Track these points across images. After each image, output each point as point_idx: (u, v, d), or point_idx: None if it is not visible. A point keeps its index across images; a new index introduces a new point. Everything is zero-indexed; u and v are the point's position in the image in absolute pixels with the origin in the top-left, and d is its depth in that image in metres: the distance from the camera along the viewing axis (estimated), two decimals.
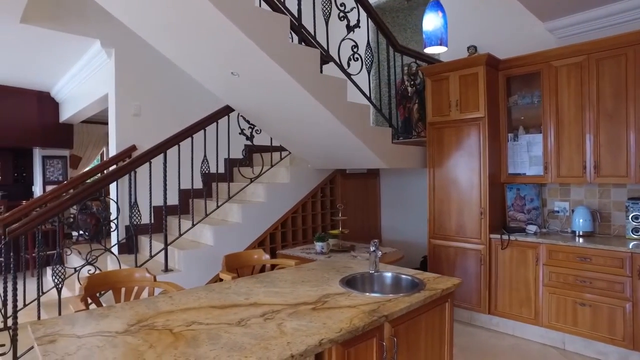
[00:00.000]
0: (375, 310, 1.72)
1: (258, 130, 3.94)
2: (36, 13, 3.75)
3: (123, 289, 2.14)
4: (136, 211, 3.38)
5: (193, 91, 4.78)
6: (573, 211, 3.51)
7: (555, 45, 3.62)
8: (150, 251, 3.40)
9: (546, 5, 3.39)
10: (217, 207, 3.74)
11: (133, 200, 3.35)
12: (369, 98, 3.77)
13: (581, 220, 3.38)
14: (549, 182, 3.56)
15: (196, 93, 4.77)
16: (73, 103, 6.13)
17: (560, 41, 3.65)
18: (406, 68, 4.89)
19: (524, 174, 3.73)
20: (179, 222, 3.59)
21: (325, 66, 3.20)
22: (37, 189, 7.40)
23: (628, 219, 3.22)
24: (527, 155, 3.71)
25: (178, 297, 1.89)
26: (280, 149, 4.37)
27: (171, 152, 3.46)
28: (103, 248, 3.27)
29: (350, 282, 2.15)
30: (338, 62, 3.41)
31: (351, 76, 3.49)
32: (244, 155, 3.91)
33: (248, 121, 3.90)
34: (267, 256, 2.72)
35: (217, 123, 3.72)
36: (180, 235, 3.53)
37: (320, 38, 3.40)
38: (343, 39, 3.44)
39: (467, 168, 3.77)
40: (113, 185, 3.41)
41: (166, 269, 3.41)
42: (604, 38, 3.15)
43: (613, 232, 3.40)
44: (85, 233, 3.33)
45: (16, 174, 7.55)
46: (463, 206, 3.81)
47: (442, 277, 2.23)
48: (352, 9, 3.54)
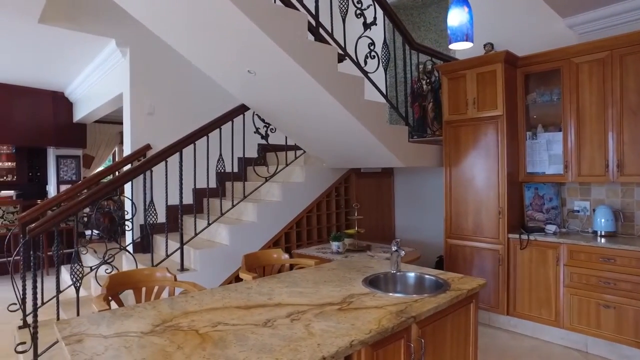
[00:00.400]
0: (402, 311, 1.68)
1: (273, 129, 3.92)
2: (54, 13, 3.76)
3: (144, 289, 2.13)
4: (152, 210, 3.38)
5: (206, 90, 4.77)
6: (594, 211, 3.44)
7: (574, 41, 3.55)
8: (166, 250, 3.39)
9: (568, 0, 3.32)
10: (233, 206, 3.72)
11: (149, 199, 3.35)
12: (386, 96, 3.74)
13: (603, 220, 3.32)
14: (569, 181, 3.49)
15: (209, 92, 4.76)
16: (87, 103, 6.16)
17: (580, 37, 3.59)
18: (421, 66, 4.85)
19: (543, 173, 3.66)
20: (195, 221, 3.58)
21: (340, 64, 3.17)
22: (51, 188, 7.46)
23: None
24: (547, 153, 3.64)
25: (200, 297, 1.87)
26: (294, 148, 4.35)
27: (185, 151, 3.45)
28: (118, 247, 3.28)
29: (373, 282, 2.12)
30: (355, 60, 3.37)
31: (368, 74, 3.45)
32: (259, 154, 3.89)
33: (263, 120, 3.88)
34: (286, 255, 2.70)
35: (233, 122, 3.71)
36: (195, 234, 3.52)
37: (334, 36, 3.36)
38: (360, 37, 3.41)
39: (485, 167, 3.72)
40: (127, 184, 3.41)
41: (182, 268, 3.40)
42: (628, 33, 3.08)
43: (637, 233, 3.33)
44: (101, 232, 3.33)
45: (30, 174, 7.62)
46: (480, 205, 3.75)
47: (466, 278, 2.20)
48: (369, 7, 3.50)
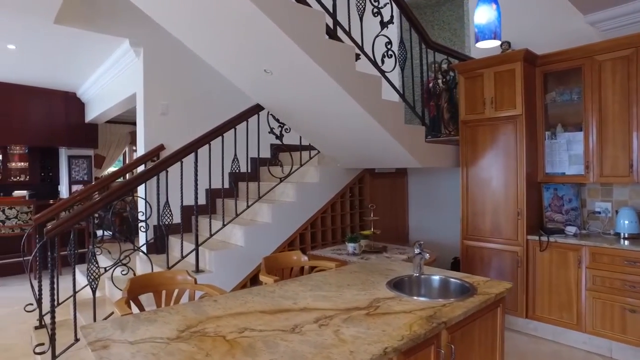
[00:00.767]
0: (432, 316, 1.64)
1: (287, 129, 3.88)
2: (69, 14, 3.75)
3: (164, 292, 2.09)
4: (167, 211, 3.35)
5: (219, 90, 4.75)
6: (617, 212, 3.37)
7: (595, 39, 3.47)
8: (181, 252, 3.37)
9: None
10: (248, 207, 3.69)
11: (164, 200, 3.32)
12: (403, 96, 3.68)
13: (626, 221, 3.24)
14: (591, 182, 3.42)
15: (222, 92, 4.74)
16: (99, 103, 6.16)
17: (602, 34, 3.51)
18: (435, 65, 4.79)
19: (563, 174, 3.59)
20: (210, 222, 3.55)
21: (355, 63, 3.12)
22: (63, 189, 7.49)
23: None
24: (567, 154, 3.57)
25: (224, 301, 1.84)
26: (308, 148, 4.30)
27: (199, 152, 3.42)
28: (132, 248, 3.26)
29: (397, 286, 2.08)
30: (372, 59, 3.33)
31: (385, 73, 3.40)
32: (274, 154, 3.85)
33: (278, 120, 3.84)
34: (306, 257, 2.66)
35: (247, 122, 3.68)
36: (211, 235, 3.49)
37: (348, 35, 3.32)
38: (377, 35, 3.36)
39: (503, 167, 3.66)
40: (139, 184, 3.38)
41: (197, 270, 3.38)
42: None
43: None
44: (116, 232, 3.32)
45: (43, 174, 7.65)
46: (498, 206, 3.69)
47: (492, 281, 2.14)
48: (385, 5, 3.45)
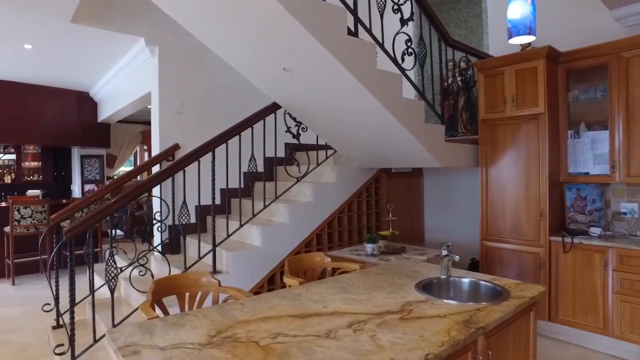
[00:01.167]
0: (468, 320, 1.58)
1: (304, 128, 3.83)
2: (86, 13, 3.73)
3: (187, 294, 2.05)
4: (185, 211, 3.32)
5: (234, 88, 4.72)
6: None
7: (620, 35, 3.38)
8: (198, 252, 3.34)
9: None
10: (265, 207, 3.65)
11: (181, 199, 3.29)
12: (422, 94, 3.62)
13: None
14: (616, 182, 3.33)
15: (237, 90, 4.71)
16: (112, 102, 6.16)
17: (629, 30, 3.42)
18: (451, 63, 4.71)
19: (587, 174, 3.51)
20: (227, 223, 3.51)
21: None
22: (76, 188, 7.51)
23: None
24: (591, 153, 3.49)
25: (251, 305, 1.79)
26: (324, 148, 4.25)
27: (215, 151, 3.38)
28: (147, 248, 3.23)
29: (426, 288, 2.02)
30: (393, 57, 3.27)
31: (405, 71, 3.34)
32: (290, 154, 3.81)
33: (294, 118, 3.80)
34: (329, 259, 2.61)
35: (264, 121, 3.64)
36: (228, 235, 3.45)
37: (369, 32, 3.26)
38: (397, 33, 3.30)
39: (524, 167, 3.58)
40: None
41: (214, 271, 3.34)
42: None
43: None
44: (135, 232, 3.29)
45: (55, 173, 7.67)
46: (519, 207, 3.62)
47: (524, 284, 2.08)
48: (405, 1, 3.39)
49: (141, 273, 3.04)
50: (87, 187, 7.54)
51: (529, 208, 3.56)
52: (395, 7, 3.28)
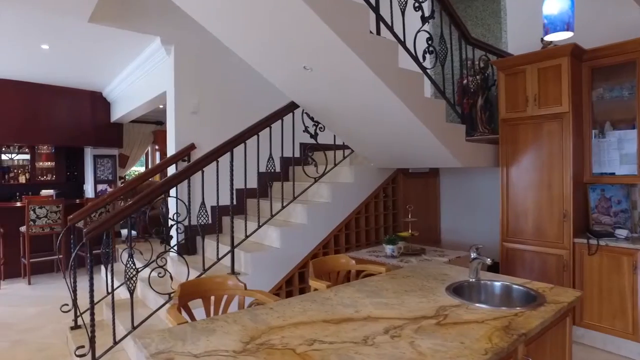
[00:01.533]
0: (508, 326, 1.53)
1: (322, 127, 3.79)
2: (104, 12, 3.72)
3: (212, 298, 2.01)
4: (203, 211, 3.29)
5: (250, 87, 4.69)
6: None
7: None
8: (217, 254, 3.30)
9: None
10: (283, 207, 3.61)
11: (199, 200, 3.26)
12: (443, 93, 3.56)
13: None
14: None
15: (253, 89, 4.69)
16: (126, 102, 6.16)
17: None
18: (469, 62, 4.64)
19: (612, 174, 3.43)
20: (245, 223, 3.48)
21: None
22: (89, 188, 7.52)
23: None
24: (617, 153, 3.41)
25: (281, 309, 1.75)
26: (340, 147, 4.20)
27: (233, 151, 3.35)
28: (163, 249, 3.20)
29: (457, 292, 1.97)
30: (414, 55, 3.21)
31: (427, 70, 3.29)
32: (308, 153, 3.76)
33: (312, 118, 3.75)
34: (353, 261, 2.56)
35: (282, 120, 3.60)
36: (247, 236, 3.42)
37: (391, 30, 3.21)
38: (419, 31, 3.24)
39: (547, 167, 3.51)
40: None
41: (233, 272, 3.31)
42: None
43: None
44: (152, 233, 3.27)
45: (68, 173, 7.70)
46: (541, 208, 3.54)
47: (558, 288, 2.02)
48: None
49: (160, 275, 3.01)
50: (100, 187, 7.56)
51: (552, 209, 3.48)
52: (416, 5, 3.23)
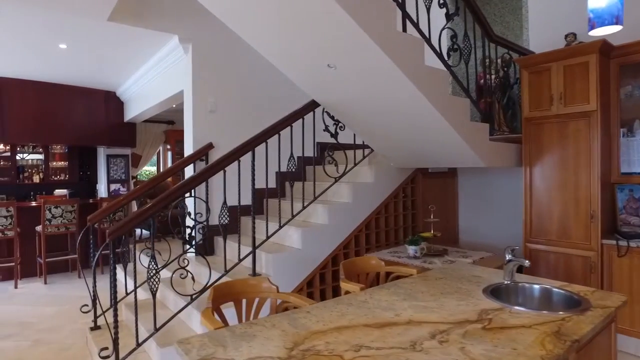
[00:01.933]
0: (558, 332, 1.47)
1: (342, 126, 3.74)
2: (123, 11, 3.69)
3: (244, 301, 1.97)
4: (224, 211, 3.25)
5: (268, 86, 4.65)
6: None
7: None
8: (238, 254, 3.26)
9: None
10: (304, 208, 3.57)
11: (222, 200, 3.22)
12: (467, 91, 3.50)
13: None
14: None
15: (271, 88, 4.65)
16: (140, 101, 6.14)
17: None
18: (488, 60, 4.57)
19: None
20: (267, 224, 3.43)
21: None
22: (102, 187, 7.52)
23: None
24: None
25: (318, 312, 1.70)
26: (360, 147, 4.14)
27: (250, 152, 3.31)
28: (181, 249, 3.17)
29: (495, 294, 1.91)
30: (438, 51, 3.16)
31: (451, 68, 3.23)
32: (327, 153, 3.71)
33: (332, 117, 3.70)
34: (382, 263, 2.51)
35: (303, 119, 3.55)
36: (268, 237, 3.37)
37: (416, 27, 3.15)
38: (443, 28, 3.19)
39: (573, 166, 3.43)
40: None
41: (254, 274, 3.27)
42: None
43: None
44: (174, 233, 3.23)
45: (81, 173, 7.70)
46: (567, 208, 3.47)
47: (600, 292, 1.95)
48: None
49: (182, 276, 2.97)
50: (113, 187, 7.55)
51: (578, 209, 3.41)
52: (441, 1, 3.17)
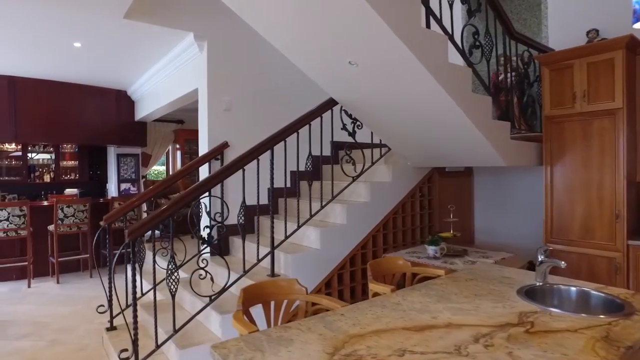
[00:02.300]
0: (607, 337, 1.41)
1: (359, 125, 3.69)
2: (139, 7, 3.66)
3: (272, 303, 1.92)
4: (242, 211, 3.21)
5: (284, 84, 4.62)
6: None
7: None
8: (257, 255, 3.22)
9: None
10: (322, 207, 3.52)
11: (241, 199, 3.18)
12: (489, 88, 3.43)
13: None
14: None
15: (287, 86, 4.61)
16: (152, 100, 6.11)
17: None
18: (502, 58, 4.51)
19: None
20: (285, 224, 3.39)
21: None
22: (112, 187, 7.50)
23: None
24: None
25: (353, 315, 1.65)
26: (376, 146, 4.09)
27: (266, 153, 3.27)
28: (197, 250, 3.13)
29: (529, 296, 1.85)
30: (462, 49, 3.10)
31: (474, 65, 3.17)
32: (347, 152, 3.66)
33: (350, 115, 3.65)
34: (409, 263, 2.46)
35: (322, 118, 3.51)
36: (286, 237, 3.33)
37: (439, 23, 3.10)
38: (465, 25, 3.13)
39: (596, 165, 3.37)
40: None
41: (272, 274, 3.23)
42: None
43: None
44: (194, 233, 3.20)
45: (91, 172, 7.69)
46: (591, 208, 3.40)
47: None
48: None
49: (201, 277, 2.94)
50: (123, 186, 7.54)
51: (602, 209, 3.34)
52: None
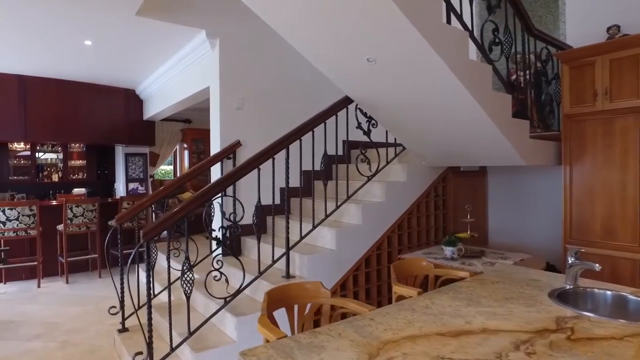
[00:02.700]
0: None
1: (374, 124, 3.62)
2: (151, 5, 3.61)
3: (295, 306, 1.86)
4: (256, 211, 3.16)
5: (295, 82, 4.55)
6: None
7: None
8: (272, 256, 3.16)
9: None
10: (337, 207, 3.46)
11: (256, 199, 3.13)
12: (508, 86, 3.36)
13: None
14: None
15: (298, 83, 4.55)
16: (161, 99, 6.07)
17: None
18: (518, 56, 4.43)
19: None
20: (300, 224, 3.33)
21: None
22: (120, 186, 7.48)
23: None
24: None
25: (383, 320, 1.59)
26: (390, 145, 4.02)
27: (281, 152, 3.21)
28: (209, 250, 3.07)
29: (563, 300, 1.79)
30: (480, 44, 3.03)
31: (494, 62, 3.10)
32: (362, 151, 3.60)
33: (365, 114, 3.59)
34: (432, 265, 2.40)
35: (337, 116, 3.45)
36: (302, 237, 3.27)
37: (460, 20, 3.03)
38: (485, 21, 3.07)
39: (619, 164, 3.29)
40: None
41: (287, 276, 3.17)
42: None
43: None
44: (209, 234, 3.15)
45: (99, 172, 7.67)
46: (613, 209, 3.32)
47: None
48: None
49: (216, 278, 2.88)
50: (131, 186, 7.51)
51: (625, 210, 3.26)
52: None
